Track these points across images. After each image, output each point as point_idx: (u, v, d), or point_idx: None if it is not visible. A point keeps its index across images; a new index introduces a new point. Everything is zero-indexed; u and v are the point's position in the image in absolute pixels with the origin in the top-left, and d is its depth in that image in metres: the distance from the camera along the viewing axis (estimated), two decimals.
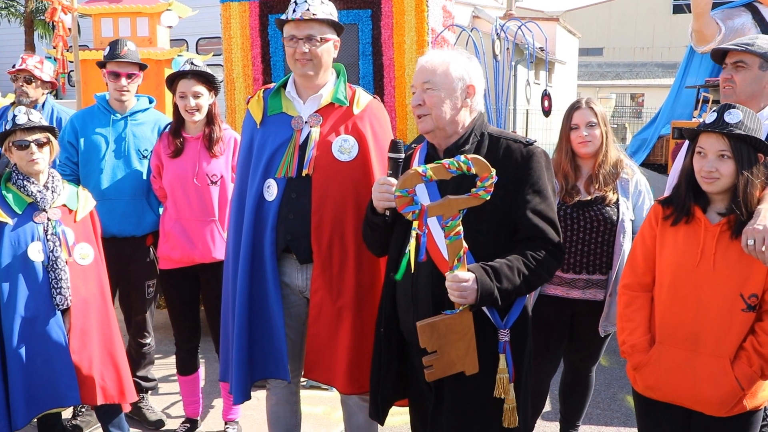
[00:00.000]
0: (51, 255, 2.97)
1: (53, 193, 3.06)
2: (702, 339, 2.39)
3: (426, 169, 2.23)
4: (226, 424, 3.90)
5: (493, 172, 2.21)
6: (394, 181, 2.36)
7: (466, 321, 2.27)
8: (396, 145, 2.45)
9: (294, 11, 2.75)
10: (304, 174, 2.77)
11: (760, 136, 2.34)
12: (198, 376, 3.92)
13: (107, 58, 3.78)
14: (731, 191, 2.36)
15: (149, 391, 4.11)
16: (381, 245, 2.61)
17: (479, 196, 2.22)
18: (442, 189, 2.36)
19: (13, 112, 3.08)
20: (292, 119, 2.84)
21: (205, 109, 3.58)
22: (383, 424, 2.67)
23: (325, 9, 2.77)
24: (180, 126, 3.62)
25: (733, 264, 2.34)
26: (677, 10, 36.48)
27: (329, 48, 2.81)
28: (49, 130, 3.07)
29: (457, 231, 2.22)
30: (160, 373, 4.51)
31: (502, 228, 2.37)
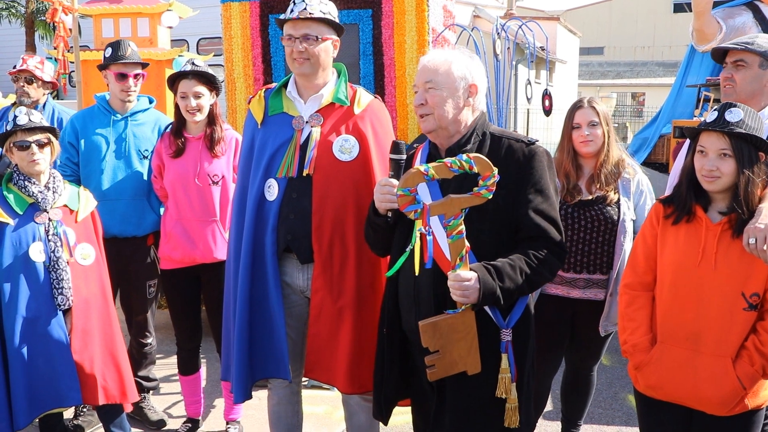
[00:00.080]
0: (52, 255, 2.98)
1: (54, 194, 3.06)
2: (703, 338, 2.39)
3: (428, 168, 2.22)
4: (227, 423, 3.90)
5: (495, 171, 2.20)
6: (395, 182, 2.35)
7: (468, 320, 2.27)
8: (398, 146, 2.44)
9: (292, 11, 2.76)
10: (304, 174, 2.77)
11: (761, 134, 2.33)
12: (199, 375, 3.92)
13: (111, 60, 3.76)
14: (732, 190, 2.36)
15: (151, 391, 4.11)
16: (383, 246, 2.61)
17: (481, 195, 2.21)
18: (443, 188, 2.36)
19: (14, 112, 3.08)
20: (293, 119, 2.84)
21: (207, 110, 3.58)
22: (387, 424, 2.67)
23: (324, 8, 2.76)
24: (181, 126, 3.62)
25: (735, 263, 2.34)
26: (678, 9, 36.49)
27: (327, 47, 2.80)
28: (50, 130, 3.07)
29: (459, 230, 2.22)
30: (161, 373, 4.51)
31: (504, 227, 2.36)
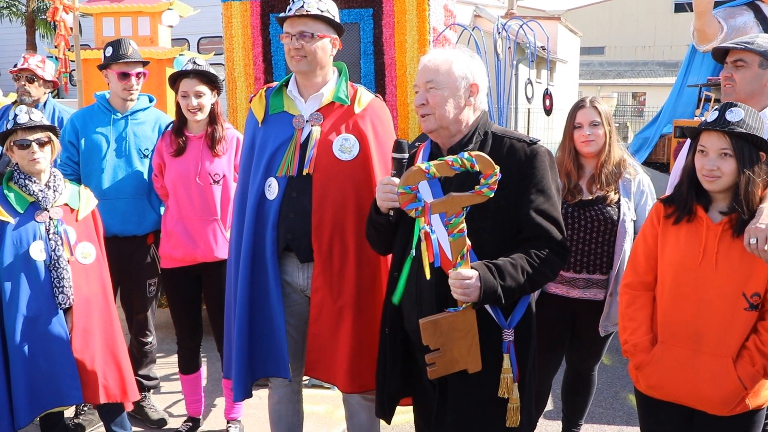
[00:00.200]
0: (53, 254, 2.98)
1: (55, 192, 3.06)
2: (704, 338, 2.39)
3: (429, 166, 2.21)
4: (228, 422, 3.90)
5: (497, 169, 2.19)
6: (397, 181, 2.34)
7: (469, 319, 2.26)
8: (400, 145, 2.44)
9: (290, 9, 2.76)
10: (304, 173, 2.77)
11: (761, 134, 2.33)
12: (200, 374, 3.92)
13: (112, 59, 3.76)
14: (733, 190, 2.35)
15: (151, 390, 4.11)
16: (385, 245, 2.61)
17: (483, 193, 2.21)
18: (445, 187, 2.35)
19: (14, 111, 3.07)
20: (293, 118, 2.84)
21: (208, 109, 3.58)
22: (390, 422, 2.66)
23: (322, 6, 2.75)
24: (183, 125, 3.62)
25: (735, 263, 2.34)
26: (679, 8, 36.47)
27: (324, 45, 2.78)
28: (51, 129, 3.07)
29: (461, 228, 2.21)
30: (162, 372, 4.51)
31: (505, 227, 2.35)
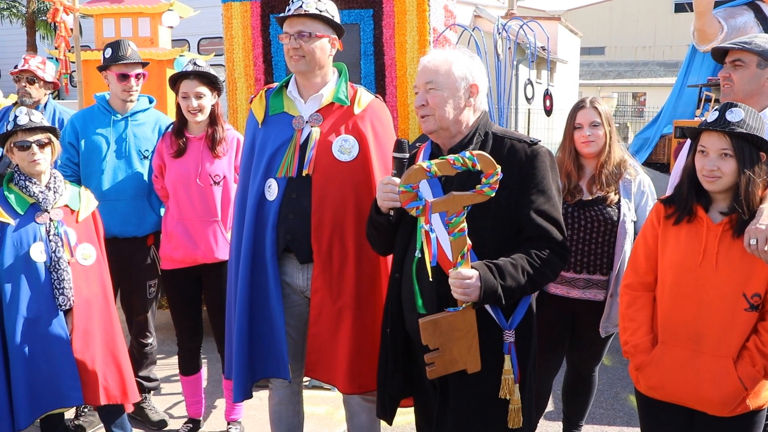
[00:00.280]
0: (53, 255, 2.97)
1: (55, 194, 3.06)
2: (704, 339, 2.38)
3: (431, 165, 2.21)
4: (228, 424, 3.90)
5: (498, 168, 2.19)
6: (398, 181, 2.34)
7: (468, 318, 2.26)
8: (401, 145, 2.43)
9: (289, 9, 2.76)
10: (304, 174, 2.77)
11: (762, 134, 2.33)
12: (200, 376, 3.92)
13: (111, 61, 3.76)
14: (733, 190, 2.35)
15: (152, 392, 4.11)
16: (386, 245, 2.61)
17: (484, 192, 2.20)
18: (446, 186, 2.35)
19: (15, 112, 3.07)
20: (293, 119, 2.84)
21: (208, 110, 3.58)
22: (391, 423, 2.66)
23: (321, 6, 2.75)
24: (183, 126, 3.62)
25: (736, 263, 2.34)
26: (679, 8, 36.47)
27: (323, 45, 2.78)
28: (51, 130, 3.07)
29: (461, 227, 2.20)
30: (162, 374, 4.51)
31: (506, 227, 2.35)
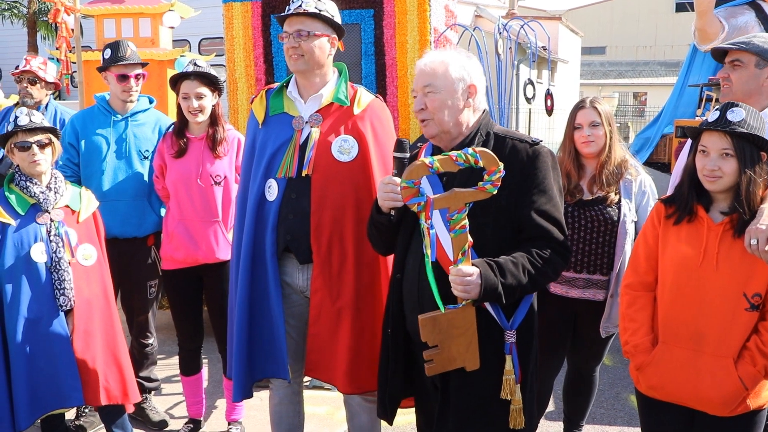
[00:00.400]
0: (54, 256, 2.98)
1: (56, 194, 3.06)
2: (705, 338, 2.38)
3: (433, 161, 2.19)
4: (229, 424, 3.90)
5: (501, 165, 2.17)
6: (399, 181, 2.32)
7: (468, 316, 2.25)
8: (401, 145, 2.43)
9: (288, 8, 2.76)
10: (303, 174, 2.77)
11: (763, 134, 2.33)
12: (201, 376, 3.92)
13: (111, 61, 3.76)
14: (734, 190, 2.35)
15: (152, 392, 4.11)
16: (386, 245, 2.60)
17: (486, 189, 2.19)
18: (448, 183, 2.34)
19: (15, 113, 3.07)
20: (293, 119, 2.84)
21: (209, 110, 3.58)
22: (392, 423, 2.65)
23: (320, 5, 2.74)
24: (184, 126, 3.62)
25: (736, 263, 2.33)
26: (680, 8, 36.45)
27: (322, 44, 2.77)
28: (51, 131, 3.07)
29: (463, 224, 2.19)
30: (163, 374, 4.52)
31: (507, 226, 2.34)
